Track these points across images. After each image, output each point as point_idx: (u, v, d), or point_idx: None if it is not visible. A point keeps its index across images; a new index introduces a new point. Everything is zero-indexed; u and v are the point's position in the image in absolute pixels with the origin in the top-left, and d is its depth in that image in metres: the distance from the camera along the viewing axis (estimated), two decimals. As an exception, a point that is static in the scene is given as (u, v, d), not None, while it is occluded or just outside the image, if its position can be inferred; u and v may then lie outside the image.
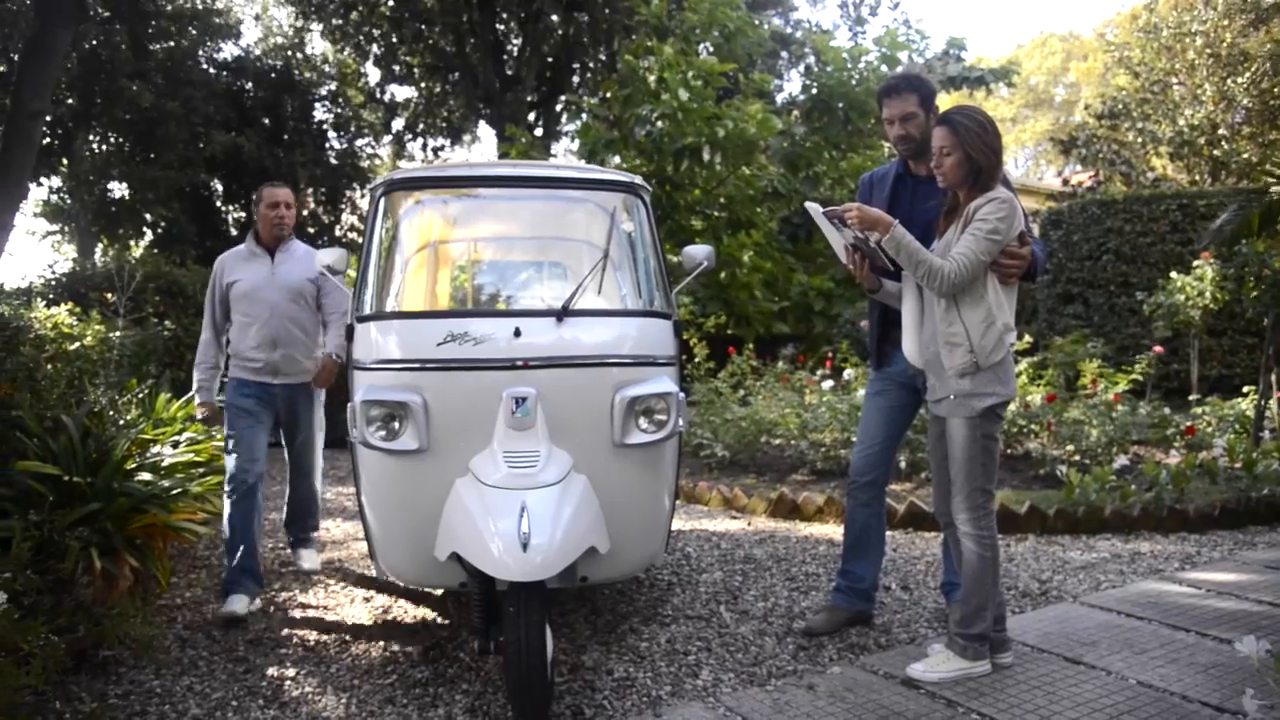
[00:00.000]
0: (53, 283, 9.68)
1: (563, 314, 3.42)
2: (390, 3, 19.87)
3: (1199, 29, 14.42)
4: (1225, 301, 7.84)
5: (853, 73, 12.77)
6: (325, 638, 3.88)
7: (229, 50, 19.60)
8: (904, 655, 3.47)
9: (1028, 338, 7.47)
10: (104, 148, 17.92)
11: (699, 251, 3.94)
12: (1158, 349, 7.61)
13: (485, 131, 23.12)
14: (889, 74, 12.83)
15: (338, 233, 19.93)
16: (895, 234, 3.19)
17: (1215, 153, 14.46)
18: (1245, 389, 7.28)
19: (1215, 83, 14.27)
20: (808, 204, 3.49)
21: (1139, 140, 15.84)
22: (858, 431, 3.92)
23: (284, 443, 4.68)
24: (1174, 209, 10.01)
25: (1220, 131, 14.41)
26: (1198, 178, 14.86)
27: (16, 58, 13.32)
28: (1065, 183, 19.23)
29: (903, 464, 6.46)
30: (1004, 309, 3.17)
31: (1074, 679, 3.21)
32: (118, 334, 6.28)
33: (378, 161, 21.86)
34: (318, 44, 21.69)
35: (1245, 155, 14.15)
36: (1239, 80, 13.94)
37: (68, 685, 3.24)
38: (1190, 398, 7.71)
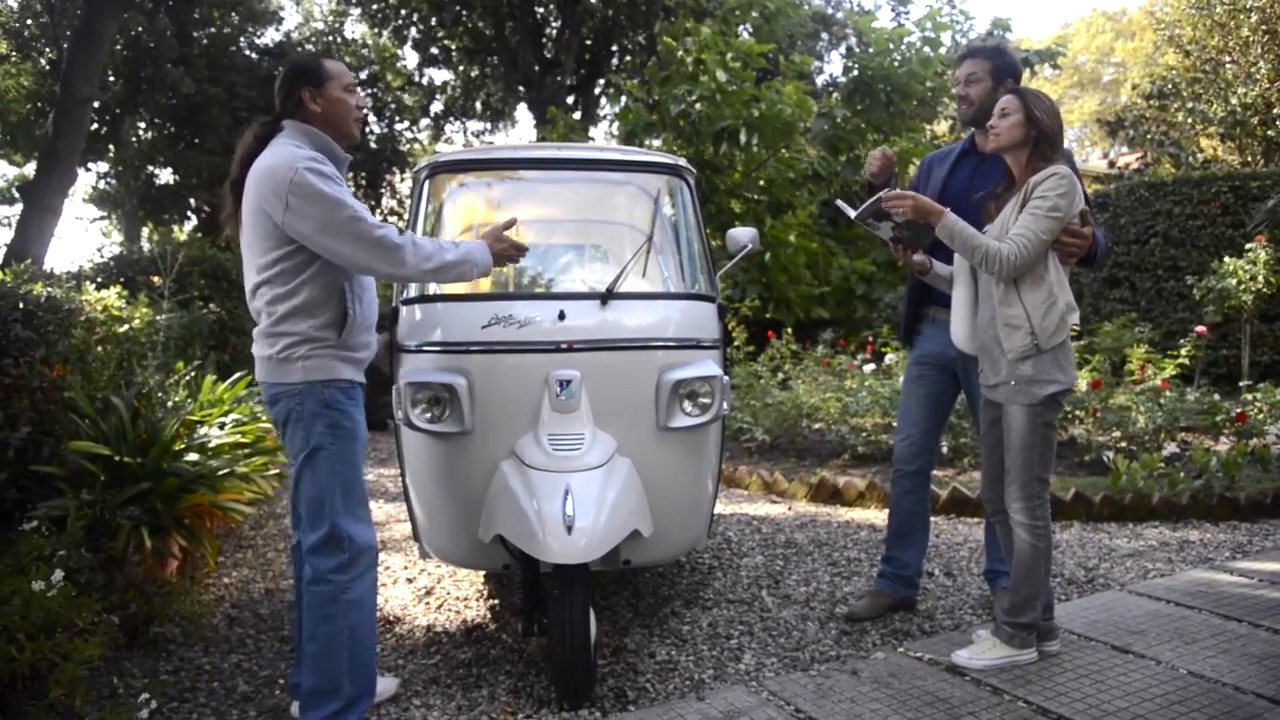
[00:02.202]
0: (101, 266, 9.85)
1: (607, 297, 3.41)
2: (429, -14, 19.95)
3: (1254, 5, 14.03)
4: (1278, 285, 7.66)
5: (894, 54, 12.59)
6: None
7: (270, 36, 19.81)
8: (948, 642, 3.44)
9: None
10: (149, 134, 18.20)
11: (743, 234, 3.91)
12: (1201, 330, 7.45)
13: (523, 114, 23.16)
14: (930, 56, 12.66)
15: (377, 216, 20.09)
16: (946, 222, 3.12)
17: (1269, 133, 14.10)
18: (1299, 375, 7.13)
19: (1270, 60, 13.90)
20: (838, 202, 3.45)
21: (1189, 120, 15.48)
22: (898, 418, 3.88)
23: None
24: (1225, 191, 9.77)
25: (1275, 111, 14.04)
26: (1250, 159, 14.50)
27: (66, 46, 13.53)
28: (1112, 164, 18.90)
29: (945, 449, 6.39)
30: (1065, 288, 3.08)
31: (1122, 668, 3.16)
32: (164, 317, 6.36)
33: (417, 145, 21.98)
34: (357, 28, 21.82)
35: (1301, 135, 13.82)
36: (1295, 58, 13.59)
37: (121, 661, 3.31)
38: (1241, 384, 7.55)
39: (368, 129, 19.98)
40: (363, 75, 20.52)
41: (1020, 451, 3.12)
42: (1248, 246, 7.77)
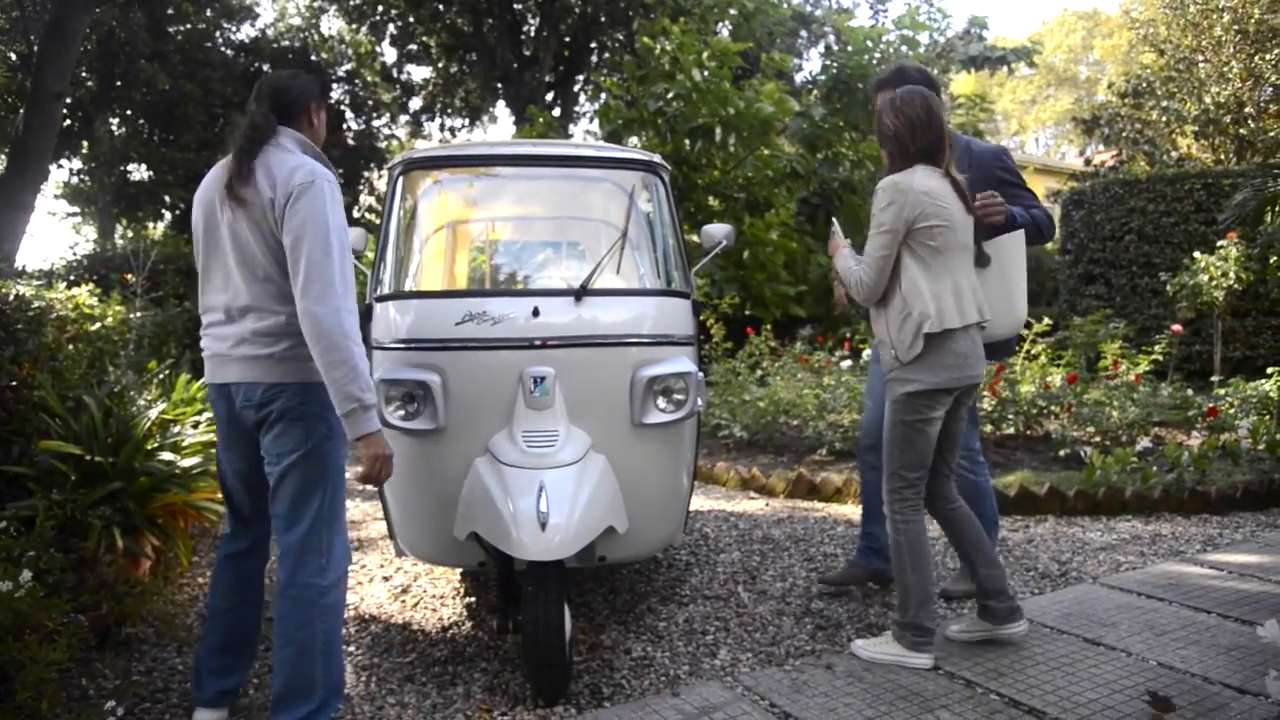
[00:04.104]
0: (74, 264, 9.75)
1: (581, 293, 3.41)
2: (407, -18, 19.85)
3: (1227, 5, 14.15)
4: (1249, 282, 7.75)
5: (873, 53, 12.62)
6: (345, 616, 3.90)
7: (246, 31, 19.67)
8: (923, 636, 3.47)
9: (1047, 320, 7.41)
10: (123, 130, 18.02)
11: (718, 230, 3.93)
12: (1176, 328, 7.53)
13: (502, 112, 23.09)
14: (909, 55, 12.68)
15: (355, 214, 19.98)
16: (840, 256, 3.34)
17: (1241, 131, 14.23)
18: (1269, 370, 7.19)
19: (1242, 60, 14.02)
20: (835, 220, 3.58)
21: (1163, 119, 15.60)
22: (866, 399, 3.99)
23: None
24: (1198, 188, 9.88)
25: (1247, 110, 14.18)
26: (1223, 157, 14.63)
27: (37, 40, 13.37)
28: (1087, 162, 19.03)
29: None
30: (921, 297, 3.02)
31: (1094, 660, 3.19)
32: (137, 315, 6.30)
33: (394, 142, 21.87)
34: (333, 23, 21.69)
35: (1272, 133, 13.91)
36: (1267, 57, 13.68)
37: (92, 662, 3.28)
38: (1213, 379, 7.63)
39: (345, 125, 19.85)
40: (340, 71, 20.39)
41: (886, 444, 3.22)
42: (1220, 243, 7.86)
